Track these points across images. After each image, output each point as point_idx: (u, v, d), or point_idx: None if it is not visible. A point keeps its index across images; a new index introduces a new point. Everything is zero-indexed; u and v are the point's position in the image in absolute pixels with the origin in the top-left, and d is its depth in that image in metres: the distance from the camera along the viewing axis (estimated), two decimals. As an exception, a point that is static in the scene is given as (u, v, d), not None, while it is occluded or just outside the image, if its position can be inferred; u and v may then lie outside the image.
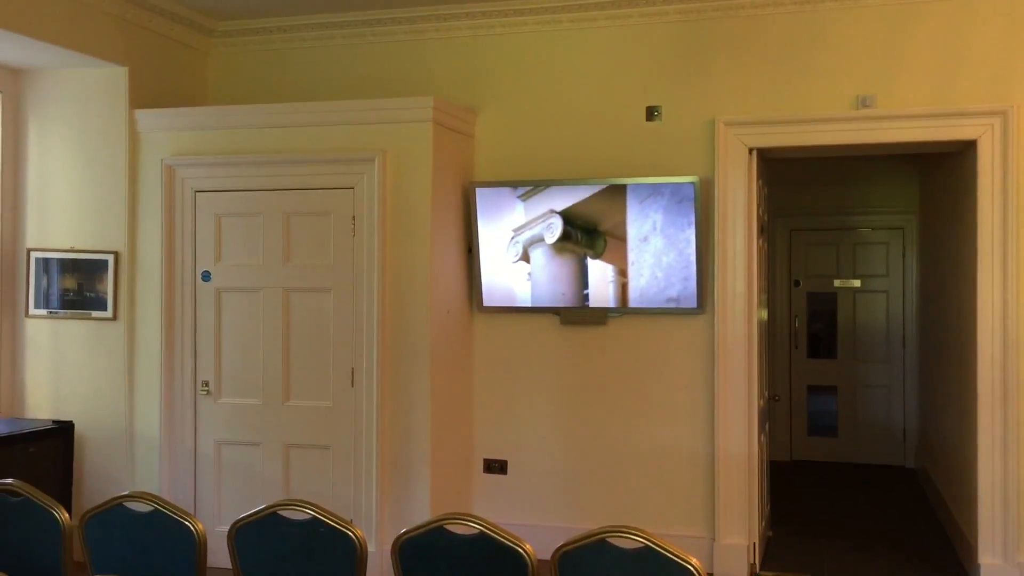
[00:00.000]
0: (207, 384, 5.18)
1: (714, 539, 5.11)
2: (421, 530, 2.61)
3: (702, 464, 5.17)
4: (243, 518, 2.76)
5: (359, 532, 2.65)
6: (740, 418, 5.09)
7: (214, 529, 4.52)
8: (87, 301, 5.26)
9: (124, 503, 2.86)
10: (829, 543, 5.74)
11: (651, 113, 5.24)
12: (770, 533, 5.74)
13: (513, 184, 5.29)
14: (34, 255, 5.32)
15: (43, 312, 5.31)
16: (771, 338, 7.39)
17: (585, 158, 5.31)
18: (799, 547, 5.65)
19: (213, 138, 5.22)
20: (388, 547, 4.37)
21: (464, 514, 2.59)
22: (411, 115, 4.97)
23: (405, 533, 2.63)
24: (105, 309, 5.24)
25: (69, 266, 5.28)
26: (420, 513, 4.85)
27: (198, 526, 2.74)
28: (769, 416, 6.07)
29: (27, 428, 4.97)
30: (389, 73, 5.63)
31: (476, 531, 2.56)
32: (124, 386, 5.23)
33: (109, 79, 5.22)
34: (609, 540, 2.46)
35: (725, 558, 5.07)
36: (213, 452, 5.19)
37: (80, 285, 5.27)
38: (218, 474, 5.19)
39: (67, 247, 5.29)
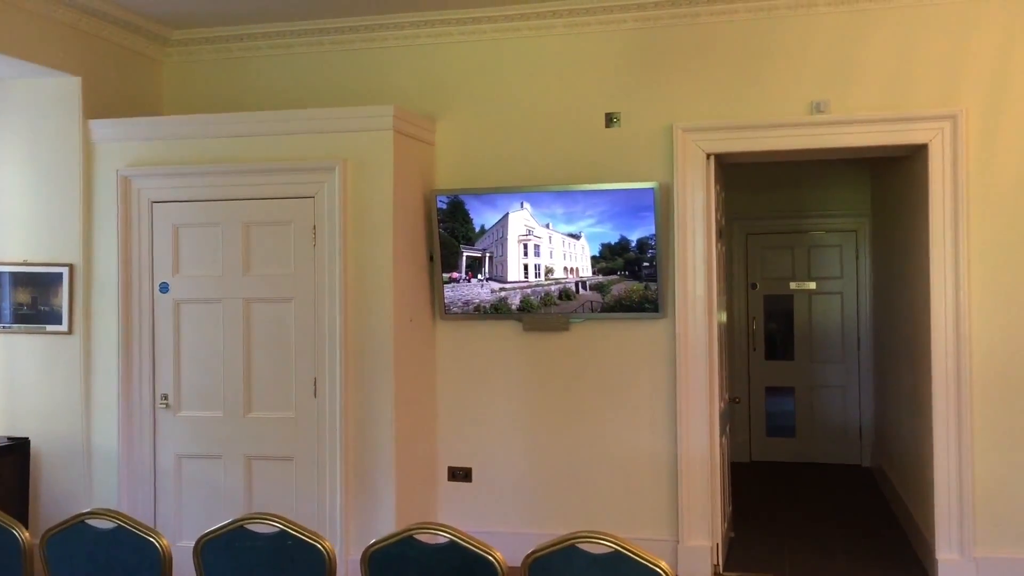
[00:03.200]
0: (166, 397, 5.11)
1: (678, 541, 5.16)
2: (390, 540, 2.60)
3: (665, 467, 5.22)
4: (209, 532, 2.73)
5: (327, 544, 2.63)
6: (702, 420, 5.14)
7: (176, 544, 4.42)
8: (41, 315, 5.16)
9: (86, 520, 2.81)
10: (790, 542, 5.82)
11: (610, 120, 5.28)
12: (732, 534, 5.81)
13: (473, 191, 5.30)
14: (-14, 269, 5.21)
15: (-4, 327, 5.21)
16: (730, 341, 7.48)
17: (545, 165, 5.34)
18: (761, 547, 5.71)
19: (170, 148, 5.16)
20: (354, 558, 4.36)
21: (433, 523, 2.59)
22: (371, 123, 4.96)
23: (374, 544, 2.62)
24: (60, 323, 5.15)
25: (22, 279, 5.18)
26: (385, 523, 4.84)
27: (163, 542, 2.70)
28: (729, 418, 6.14)
29: (-19, 445, 4.87)
30: (348, 82, 5.61)
31: (446, 540, 2.55)
32: (81, 401, 5.14)
33: (62, 89, 5.14)
34: (579, 545, 2.48)
35: (689, 560, 5.12)
36: (173, 466, 5.12)
37: (34, 299, 5.18)
38: (179, 488, 5.12)
39: (20, 260, 5.19)
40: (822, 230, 8.20)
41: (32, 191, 5.20)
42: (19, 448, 5.04)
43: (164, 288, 5.13)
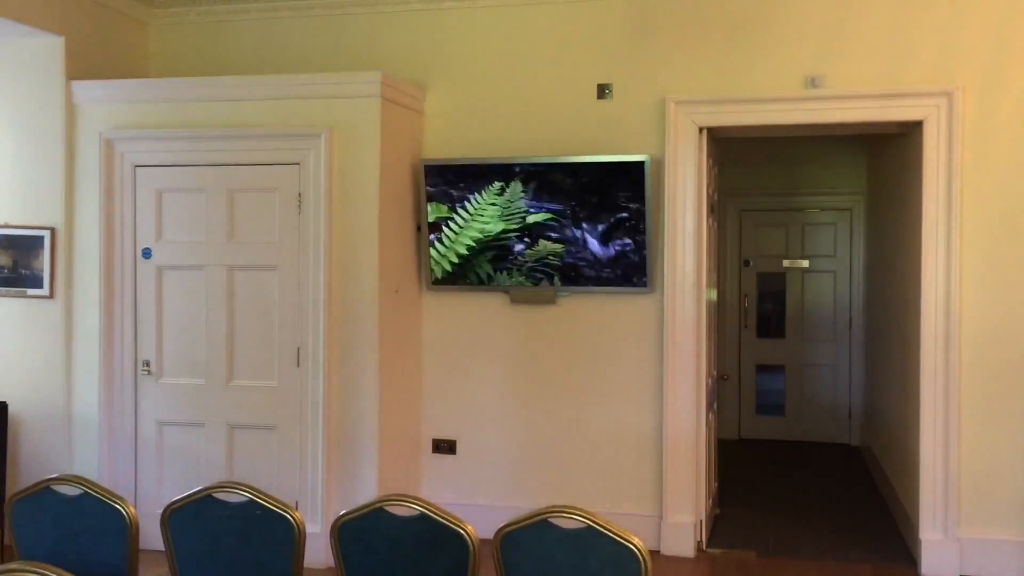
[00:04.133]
0: (148, 364, 5.06)
1: (661, 517, 5.13)
2: (360, 512, 2.56)
3: (650, 442, 5.18)
4: (177, 501, 2.68)
5: (297, 515, 2.59)
6: (688, 396, 5.10)
7: (154, 512, 4.39)
8: (22, 279, 5.10)
9: (52, 486, 2.76)
10: (775, 520, 5.80)
11: (602, 91, 5.20)
12: (717, 510, 5.79)
13: (463, 162, 5.22)
14: (-34, 231, 5.14)
15: (-24, 290, 5.14)
16: (721, 317, 7.44)
17: (536, 136, 5.26)
18: (746, 524, 5.70)
19: (154, 111, 5.07)
20: (333, 528, 4.33)
21: (404, 495, 2.54)
22: (359, 90, 4.87)
23: (344, 515, 2.58)
24: (41, 287, 5.08)
25: (3, 242, 5.10)
26: (367, 494, 4.80)
27: (130, 510, 2.65)
28: (718, 395, 6.11)
29: (-41, 409, 4.82)
30: (337, 47, 5.51)
31: (416, 512, 2.51)
32: (61, 366, 5.09)
33: (44, 49, 5.04)
34: (551, 520, 2.44)
35: (673, 536, 5.10)
36: (154, 433, 5.08)
37: (15, 262, 5.11)
38: (159, 456, 5.08)
39: (1, 223, 5.12)
40: (816, 208, 8.14)
41: (13, 153, 5.11)
42: (-2, 412, 4.99)
43: (147, 254, 5.06)
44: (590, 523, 2.39)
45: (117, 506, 2.67)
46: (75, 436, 5.10)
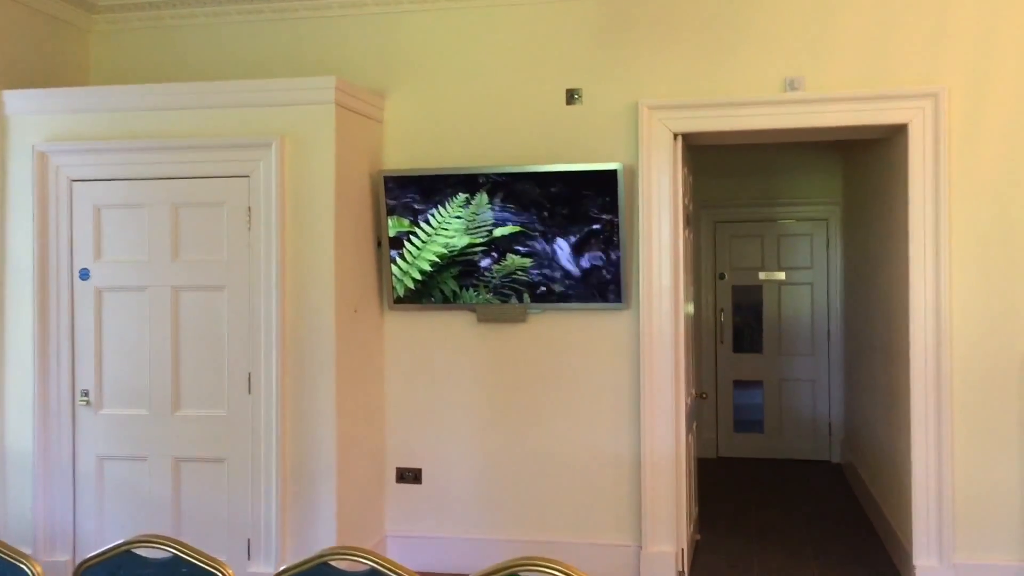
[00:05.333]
0: (87, 393, 4.70)
1: (641, 547, 4.83)
2: (302, 567, 2.23)
3: (628, 467, 4.90)
4: (91, 558, 2.34)
5: (228, 571, 2.26)
6: (667, 418, 4.82)
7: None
8: (-51, 303, 4.72)
9: (-52, 543, 2.41)
10: (759, 546, 5.52)
11: (571, 96, 4.93)
12: (698, 537, 5.50)
13: (425, 172, 4.92)
14: None
15: (-102, 316, 4.75)
16: (697, 333, 7.19)
17: (502, 144, 4.98)
18: (729, 551, 5.41)
19: (92, 121, 4.73)
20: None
21: (353, 549, 2.22)
22: (311, 96, 4.57)
23: (284, 571, 2.25)
24: (-30, 312, 4.71)
25: (-73, 264, 4.73)
26: (325, 529, 4.48)
27: (35, 568, 2.31)
28: (696, 415, 5.83)
29: None
30: (291, 54, 5.21)
31: (366, 568, 2.19)
32: (-8, 397, 4.71)
33: (-29, 56, 4.70)
34: (521, 575, 2.12)
35: (653, 566, 4.80)
36: (94, 468, 4.70)
37: (-59, 285, 4.73)
38: (100, 493, 4.70)
39: (-75, 243, 4.75)
40: (792, 219, 7.93)
41: (-62, 168, 4.75)
42: (-79, 449, 4.60)
43: (84, 275, 4.71)
44: (566, 576, 2.08)
45: (22, 565, 2.32)
46: (7, 472, 4.72)
